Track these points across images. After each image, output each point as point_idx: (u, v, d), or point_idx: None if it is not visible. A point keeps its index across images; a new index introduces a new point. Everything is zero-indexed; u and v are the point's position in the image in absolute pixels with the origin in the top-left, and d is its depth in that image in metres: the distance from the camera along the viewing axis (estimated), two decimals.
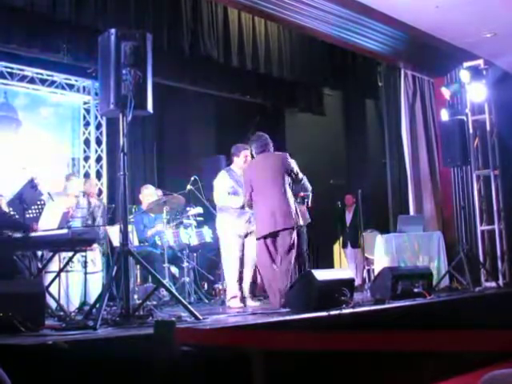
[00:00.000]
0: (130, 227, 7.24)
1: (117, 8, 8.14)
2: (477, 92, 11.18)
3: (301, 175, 7.55)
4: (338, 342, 3.12)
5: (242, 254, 7.77)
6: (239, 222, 7.78)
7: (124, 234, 5.71)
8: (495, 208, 11.32)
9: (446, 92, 11.48)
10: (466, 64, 11.28)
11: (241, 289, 7.73)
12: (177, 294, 6.20)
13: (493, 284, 10.50)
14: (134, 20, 8.21)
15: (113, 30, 5.72)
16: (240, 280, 7.72)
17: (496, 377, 3.05)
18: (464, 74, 11.13)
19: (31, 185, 7.13)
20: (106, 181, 10.88)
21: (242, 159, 7.99)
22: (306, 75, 10.95)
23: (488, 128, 11.49)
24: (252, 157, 7.73)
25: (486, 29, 10.68)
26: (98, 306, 5.56)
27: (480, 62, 11.25)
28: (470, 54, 11.44)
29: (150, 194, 9.40)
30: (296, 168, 7.45)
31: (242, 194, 7.71)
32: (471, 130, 11.35)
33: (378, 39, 10.91)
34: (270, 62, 10.02)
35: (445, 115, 11.30)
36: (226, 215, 7.83)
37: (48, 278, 7.42)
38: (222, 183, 7.94)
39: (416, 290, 7.83)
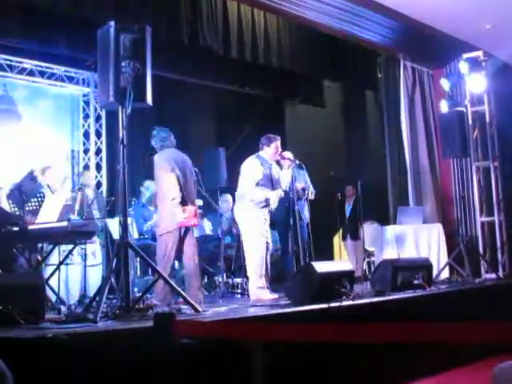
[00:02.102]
0: (129, 220, 7.23)
1: (116, 0, 8.12)
2: (476, 83, 11.16)
3: None
4: (338, 334, 3.12)
5: (267, 242, 7.68)
6: (263, 211, 7.71)
7: (124, 226, 5.71)
8: (495, 199, 11.31)
9: (445, 83, 11.46)
10: (466, 55, 11.24)
11: (267, 279, 7.65)
12: (176, 286, 6.20)
13: (493, 275, 10.49)
14: (133, 12, 8.18)
15: (112, 23, 5.71)
16: (266, 270, 7.61)
17: (508, 369, 3.06)
18: (463, 66, 11.10)
19: (31, 177, 7.12)
20: (105, 173, 10.87)
21: (272, 149, 7.93)
22: (306, 67, 10.94)
23: (487, 119, 11.46)
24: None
25: (485, 20, 10.65)
26: (97, 298, 5.56)
27: (479, 53, 11.22)
28: (470, 46, 11.41)
29: None
30: None
31: (268, 187, 7.70)
32: (470, 122, 11.32)
33: (377, 30, 10.89)
34: (270, 54, 10.00)
35: (444, 107, 11.27)
36: (250, 203, 7.69)
37: (48, 270, 7.43)
38: (252, 171, 7.79)
39: (416, 281, 7.83)
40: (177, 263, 9.23)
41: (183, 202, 6.94)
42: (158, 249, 7.01)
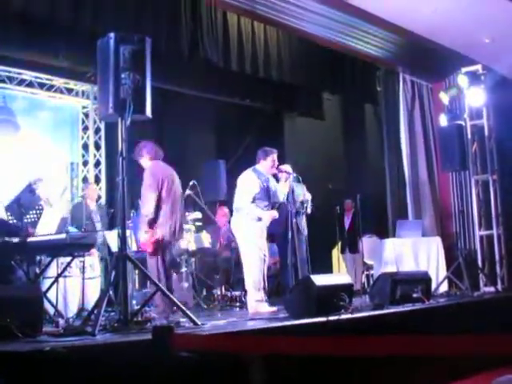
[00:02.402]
0: (128, 232, 7.21)
1: (116, 12, 8.13)
2: (475, 97, 11.17)
3: None
4: (337, 347, 3.11)
5: (265, 255, 7.62)
6: (260, 224, 7.66)
7: (122, 238, 5.69)
8: (493, 213, 11.31)
9: (444, 97, 11.48)
10: (465, 69, 11.27)
11: (265, 292, 7.59)
12: (175, 299, 6.18)
13: (491, 289, 10.46)
14: (133, 24, 8.19)
15: (112, 34, 5.70)
16: (264, 283, 7.54)
17: (506, 383, 3.06)
18: (462, 79, 11.12)
19: (29, 189, 7.12)
20: (104, 185, 10.86)
21: (269, 163, 7.88)
22: (306, 79, 10.94)
23: (486, 133, 11.48)
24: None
25: (484, 34, 10.67)
26: (96, 311, 5.54)
27: (478, 67, 11.24)
28: (469, 59, 11.43)
29: None
30: None
31: (265, 200, 7.69)
32: (469, 135, 11.33)
33: (376, 44, 10.92)
34: (270, 67, 10.01)
35: (443, 120, 11.30)
36: (247, 217, 7.62)
37: (46, 283, 7.40)
38: (248, 184, 7.73)
39: (415, 295, 7.81)
40: (175, 275, 9.24)
41: (153, 222, 6.93)
42: (148, 257, 7.02)
